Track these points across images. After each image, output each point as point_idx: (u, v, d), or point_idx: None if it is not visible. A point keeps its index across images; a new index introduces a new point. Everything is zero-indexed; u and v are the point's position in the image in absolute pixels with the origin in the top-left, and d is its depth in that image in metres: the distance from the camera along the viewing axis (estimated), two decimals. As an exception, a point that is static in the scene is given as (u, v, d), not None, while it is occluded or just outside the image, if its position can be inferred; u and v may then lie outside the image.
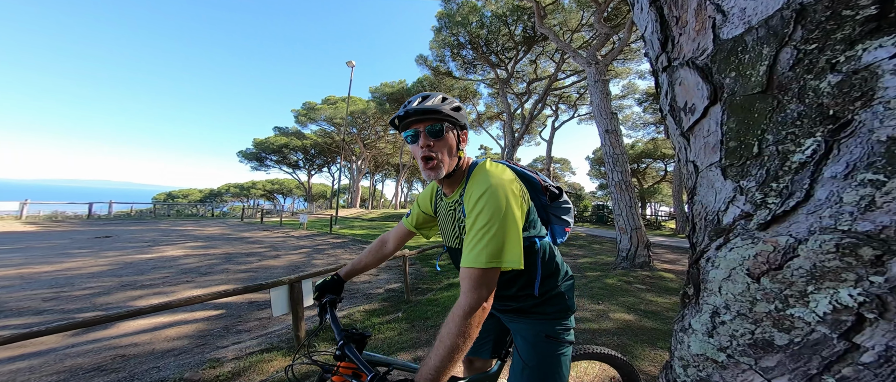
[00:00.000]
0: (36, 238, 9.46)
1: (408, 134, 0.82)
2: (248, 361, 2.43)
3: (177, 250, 8.27)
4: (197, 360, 2.51)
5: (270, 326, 3.45)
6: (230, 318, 3.69)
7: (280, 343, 2.80)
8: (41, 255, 6.99)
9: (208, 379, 2.15)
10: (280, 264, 7.33)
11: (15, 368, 2.38)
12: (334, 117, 27.03)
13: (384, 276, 6.40)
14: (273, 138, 30.84)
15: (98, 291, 4.63)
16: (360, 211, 27.18)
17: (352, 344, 0.82)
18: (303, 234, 13.31)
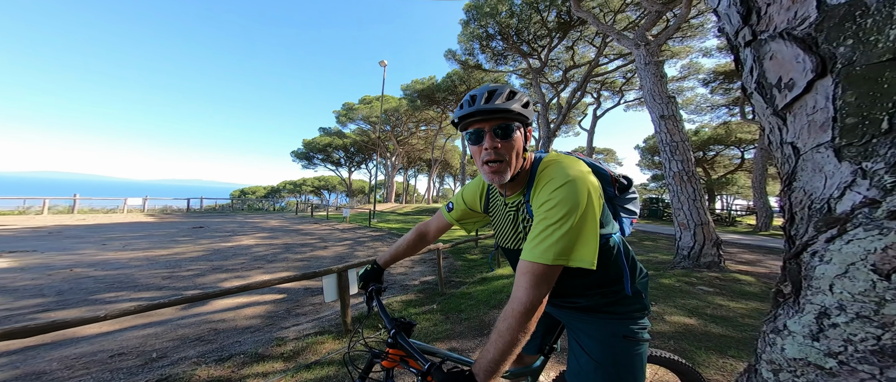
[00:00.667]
0: (154, 227, 11.57)
1: (469, 133, 0.76)
2: (305, 342, 2.68)
3: (250, 240, 9.51)
4: (267, 338, 2.87)
5: (322, 311, 3.79)
6: (290, 302, 4.15)
7: (330, 327, 3.05)
8: (158, 241, 8.55)
9: (275, 356, 2.45)
10: (328, 254, 8.00)
11: (145, 333, 2.97)
12: (370, 116, 28.39)
13: (419, 268, 6.62)
14: (318, 138, 33.46)
15: (197, 272, 5.54)
16: (394, 206, 28.32)
17: (403, 333, 0.84)
18: (346, 227, 14.31)
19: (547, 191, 0.71)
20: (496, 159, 0.74)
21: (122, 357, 2.50)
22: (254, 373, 2.15)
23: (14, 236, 8.80)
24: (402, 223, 16.59)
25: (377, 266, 1.10)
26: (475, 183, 1.04)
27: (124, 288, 4.57)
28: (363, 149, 34.72)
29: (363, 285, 1.05)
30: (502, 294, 3.91)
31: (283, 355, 2.45)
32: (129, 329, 3.06)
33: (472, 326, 2.97)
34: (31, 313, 3.63)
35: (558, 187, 0.69)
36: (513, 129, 0.73)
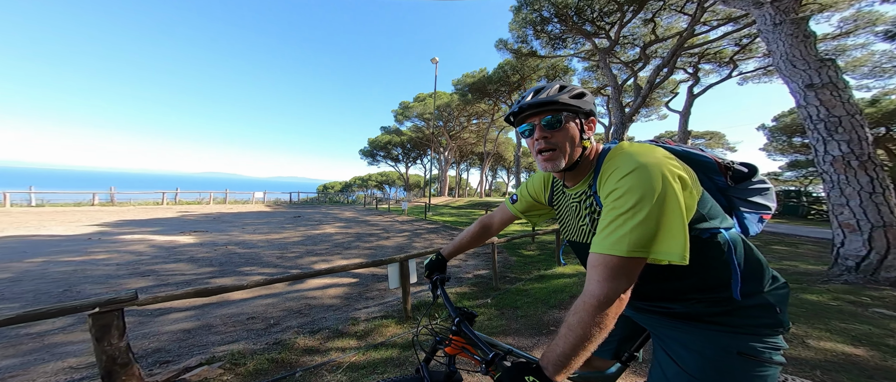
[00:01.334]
0: (270, 216, 14.72)
1: (523, 128, 0.79)
2: (372, 324, 2.95)
3: (331, 228, 11.20)
4: (344, 316, 3.36)
5: (386, 297, 4.22)
6: (361, 286, 4.74)
7: (393, 312, 3.37)
8: (273, 227, 10.86)
9: (350, 333, 2.81)
10: (390, 244, 8.79)
11: (266, 303, 3.85)
12: (423, 113, 29.51)
13: (472, 262, 6.71)
14: (380, 137, 36.54)
15: (297, 254, 6.84)
16: (448, 199, 29.11)
17: (466, 322, 0.87)
18: (404, 219, 15.42)
19: (613, 179, 0.68)
20: (548, 148, 0.75)
21: (253, 321, 3.26)
22: (335, 347, 2.56)
23: (196, 220, 12.34)
24: (456, 216, 16.97)
25: (441, 257, 1.13)
26: (539, 175, 1.03)
27: (254, 264, 5.94)
28: (418, 145, 36.45)
29: (428, 274, 1.10)
30: (563, 293, 3.73)
31: (357, 334, 2.83)
32: (256, 298, 3.97)
33: (529, 324, 2.91)
34: (206, 277, 5.02)
35: (626, 175, 0.66)
36: (563, 120, 0.74)
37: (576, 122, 0.76)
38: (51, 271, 4.89)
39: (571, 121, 0.76)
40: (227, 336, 2.84)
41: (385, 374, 2.14)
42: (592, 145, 0.80)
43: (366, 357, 2.38)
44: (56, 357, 2.41)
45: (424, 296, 3.99)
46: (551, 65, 17.93)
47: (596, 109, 0.80)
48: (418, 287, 4.47)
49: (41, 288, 4.12)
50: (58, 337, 2.76)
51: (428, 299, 3.76)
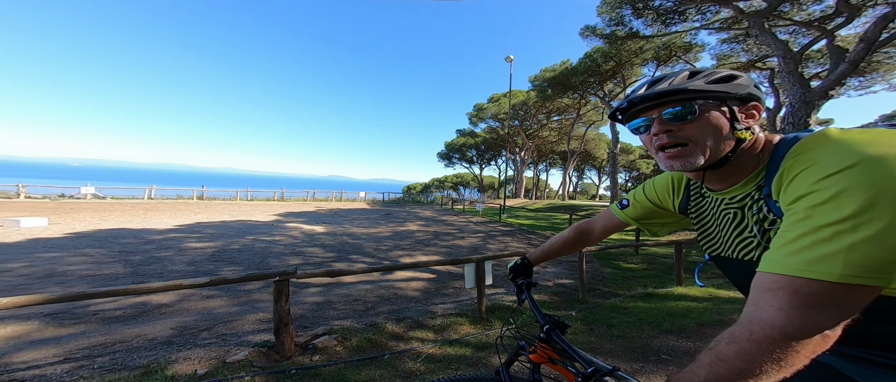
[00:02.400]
0: (368, 212, 17.56)
1: (635, 124, 0.67)
2: (448, 320, 3.03)
3: (414, 226, 12.40)
4: (423, 309, 3.60)
5: (461, 295, 4.29)
6: (439, 282, 4.98)
7: (466, 311, 3.43)
8: (370, 223, 12.94)
9: (429, 326, 2.96)
10: (464, 244, 8.97)
11: (365, 289, 4.60)
12: (498, 113, 28.91)
13: (553, 269, 6.09)
14: (455, 139, 38.03)
15: (388, 248, 7.87)
16: (524, 201, 27.56)
17: (557, 330, 0.81)
18: (478, 220, 15.47)
19: (810, 179, 0.51)
20: (673, 143, 0.61)
21: (357, 303, 3.87)
22: (416, 337, 2.75)
23: (324, 213, 15.75)
24: (533, 219, 15.88)
25: (527, 261, 1.07)
26: (665, 176, 0.85)
27: (359, 253, 7.14)
28: (492, 146, 36.05)
29: (512, 277, 1.06)
30: (687, 319, 3.05)
31: (434, 327, 2.96)
32: (359, 283, 4.72)
33: (630, 347, 2.51)
34: (330, 261, 6.32)
35: (838, 172, 0.48)
36: (697, 109, 0.59)
37: (722, 110, 0.60)
38: (255, 246, 7.15)
39: (714, 109, 0.60)
40: (341, 312, 3.45)
41: (458, 370, 2.13)
42: (756, 136, 0.63)
43: (442, 352, 2.44)
44: (255, 310, 3.50)
45: (498, 299, 3.87)
46: (664, 43, 14.39)
47: (760, 92, 0.62)
48: (492, 289, 4.35)
49: (251, 258, 6.03)
50: (256, 295, 3.99)
51: (502, 303, 3.72)
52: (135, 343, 2.56)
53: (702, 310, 3.23)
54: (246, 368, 2.03)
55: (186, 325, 2.95)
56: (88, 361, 2.23)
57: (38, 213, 10.21)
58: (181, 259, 5.70)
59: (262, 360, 2.15)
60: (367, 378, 2.05)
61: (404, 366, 2.24)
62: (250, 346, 2.30)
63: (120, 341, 2.59)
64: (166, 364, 2.05)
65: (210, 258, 5.86)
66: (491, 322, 3.10)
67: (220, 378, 1.91)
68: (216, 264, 5.46)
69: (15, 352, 2.39)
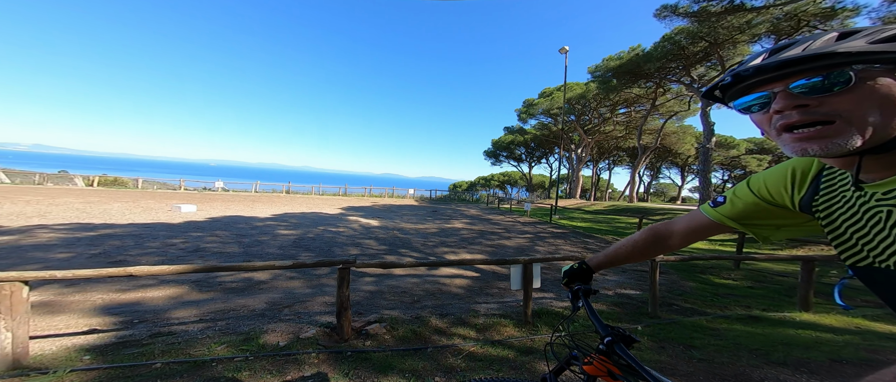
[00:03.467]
0: (416, 209, 18.36)
1: (744, 102, 0.53)
2: (491, 320, 2.98)
3: (459, 224, 12.52)
4: (466, 307, 3.57)
5: (505, 296, 4.11)
6: (482, 281, 4.89)
7: (511, 313, 3.28)
8: (418, 219, 13.53)
9: (471, 324, 2.94)
10: (511, 244, 8.62)
11: (413, 282, 4.82)
12: (551, 108, 26.86)
13: (615, 278, 5.39)
14: (502, 137, 36.85)
15: (434, 244, 8.13)
16: (580, 202, 25.09)
17: (622, 344, 0.73)
18: (527, 221, 14.70)
19: None
20: (813, 121, 0.47)
21: (405, 295, 4.06)
22: (458, 334, 2.74)
23: (378, 209, 17.01)
24: (591, 222, 14.36)
25: (586, 266, 0.97)
26: (784, 165, 0.67)
27: (407, 247, 7.55)
28: (543, 143, 33.79)
29: (567, 282, 0.99)
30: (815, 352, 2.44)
31: (476, 326, 2.91)
32: (407, 276, 4.97)
33: (717, 374, 2.14)
34: (383, 253, 6.78)
35: None
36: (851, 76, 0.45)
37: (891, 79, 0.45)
38: (324, 236, 8.22)
39: (883, 75, 0.46)
40: (390, 303, 3.67)
41: (500, 372, 2.03)
42: None
43: (483, 351, 2.37)
44: (323, 293, 4.01)
45: (546, 304, 3.60)
46: (787, 13, 10.76)
47: None
48: (540, 293, 4.05)
49: (322, 246, 6.96)
50: (324, 280, 4.56)
51: (551, 308, 3.49)
52: (241, 312, 3.18)
53: (841, 344, 2.49)
54: (313, 345, 2.32)
55: (274, 301, 3.53)
56: (213, 323, 2.86)
57: (191, 202, 13.65)
58: (274, 243, 6.88)
59: (325, 339, 2.44)
60: (411, 368, 2.11)
61: (446, 361, 2.24)
62: (318, 326, 2.64)
63: (232, 309, 3.25)
64: (260, 333, 2.48)
65: (293, 244, 6.91)
66: (537, 326, 2.89)
67: (294, 351, 2.22)
68: (296, 250, 6.42)
69: (172, 309, 3.20)
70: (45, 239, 6.03)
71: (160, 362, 2.04)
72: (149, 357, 2.12)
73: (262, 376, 1.92)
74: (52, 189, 16.54)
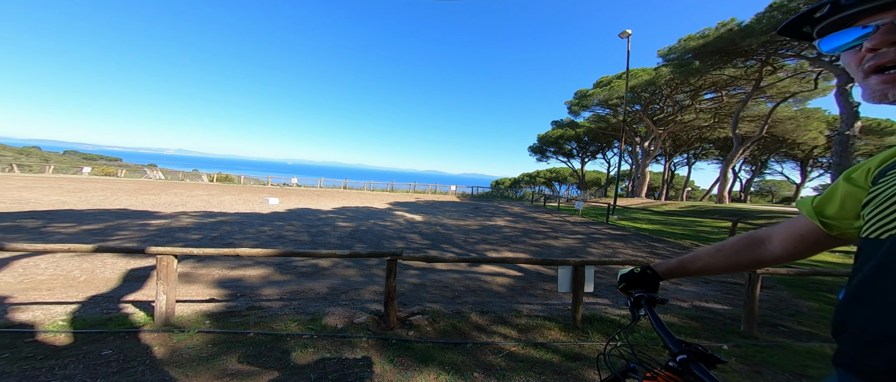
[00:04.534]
0: (457, 205, 18.52)
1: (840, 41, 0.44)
2: (534, 321, 2.88)
3: (501, 221, 12.17)
4: (508, 306, 3.47)
5: (551, 298, 3.83)
6: (526, 281, 4.66)
7: (557, 316, 3.07)
8: (459, 216, 13.54)
9: (512, 324, 2.89)
10: (559, 245, 7.99)
11: (454, 277, 4.91)
12: (609, 98, 23.97)
13: (693, 288, 4.58)
14: (550, 132, 34.40)
15: (475, 241, 8.12)
16: (646, 202, 21.79)
17: (701, 364, 0.61)
18: (577, 220, 13.45)
19: None
20: None
21: (446, 290, 4.15)
22: (499, 332, 2.68)
23: (422, 205, 17.50)
24: (660, 224, 12.42)
25: (652, 272, 0.85)
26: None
27: (449, 243, 7.67)
28: (599, 137, 30.44)
29: (624, 286, 0.89)
30: None
31: (518, 326, 2.79)
32: (449, 272, 5.07)
33: None
34: (426, 248, 7.03)
35: None
36: None
37: None
38: (375, 229, 8.92)
39: None
40: (432, 296, 3.79)
41: (543, 376, 1.89)
42: None
43: (525, 352, 2.26)
44: (373, 283, 4.37)
45: (599, 310, 3.23)
46: None
47: None
48: (593, 298, 3.66)
49: (372, 239, 7.60)
50: (375, 270, 4.97)
51: (605, 315, 3.19)
52: (309, 295, 3.68)
53: None
54: (364, 330, 2.55)
55: (334, 287, 3.99)
56: (289, 302, 3.36)
57: (275, 195, 16.37)
58: (334, 234, 7.75)
59: (374, 326, 2.64)
60: (450, 361, 2.14)
61: (485, 358, 2.20)
62: (368, 313, 2.89)
63: (303, 291, 3.78)
64: (322, 315, 2.82)
65: (349, 235, 7.68)
66: (588, 333, 2.62)
67: (348, 335, 2.47)
68: (352, 241, 7.12)
69: (262, 287, 3.87)
70: (185, 223, 7.87)
71: (253, 332, 2.46)
72: (245, 326, 2.54)
73: (323, 354, 2.17)
74: (189, 183, 21.83)
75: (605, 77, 25.18)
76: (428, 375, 1.96)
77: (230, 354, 2.09)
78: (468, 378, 1.97)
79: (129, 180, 21.27)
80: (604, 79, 25.21)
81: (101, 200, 10.51)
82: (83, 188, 13.68)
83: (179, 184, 20.33)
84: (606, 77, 25.06)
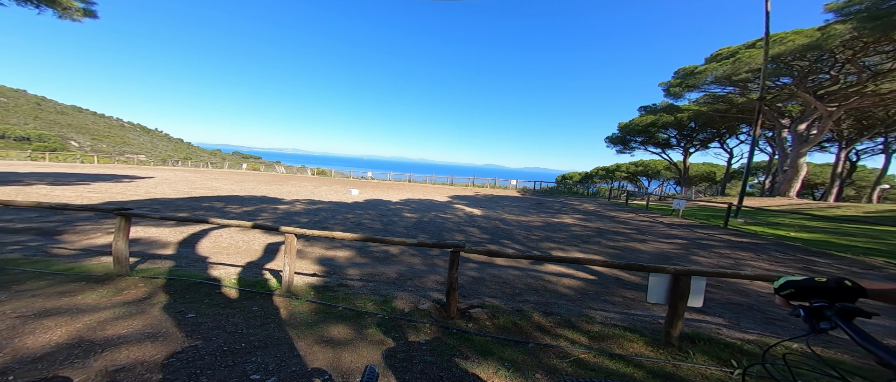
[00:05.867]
0: (519, 200, 17.63)
1: None
2: (610, 330, 2.55)
3: (569, 219, 10.99)
4: (577, 310, 3.15)
5: (633, 308, 3.24)
6: (600, 286, 4.07)
7: (642, 328, 2.63)
8: (520, 211, 12.87)
9: (583, 330, 2.59)
10: (646, 249, 6.65)
11: (513, 274, 4.70)
12: (733, 73, 18.16)
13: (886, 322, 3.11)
14: (637, 119, 28.52)
15: (538, 238, 7.61)
16: (798, 203, 15.72)
17: None
18: (675, 222, 10.88)
19: None
20: None
21: (505, 286, 4.09)
22: (565, 336, 2.46)
23: (480, 198, 17.18)
24: (825, 233, 8.81)
25: (854, 285, 0.72)
26: None
27: (509, 238, 7.41)
28: (713, 122, 23.71)
29: (791, 293, 0.75)
30: None
31: (589, 332, 2.48)
32: (508, 268, 4.92)
33: None
34: (486, 242, 6.95)
35: None
36: None
37: None
38: (436, 220, 9.39)
39: None
40: (491, 291, 3.75)
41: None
42: None
43: (597, 361, 2.00)
44: (435, 272, 4.60)
45: (709, 330, 2.66)
46: None
47: None
48: (699, 314, 2.93)
49: (434, 230, 8.05)
50: (436, 260, 5.25)
51: (717, 336, 2.59)
52: (382, 278, 4.13)
53: None
54: (427, 317, 2.70)
55: (402, 273, 4.37)
56: (366, 283, 3.83)
57: (356, 187, 19.17)
58: (401, 224, 8.49)
59: (436, 314, 2.78)
60: (510, 358, 2.08)
61: (549, 361, 2.04)
62: (431, 301, 3.04)
63: (377, 274, 4.28)
64: (393, 298, 3.09)
65: (414, 226, 8.27)
66: (687, 353, 2.13)
67: (414, 319, 2.66)
68: (416, 231, 7.65)
69: (348, 267, 4.56)
70: (299, 208, 10.07)
71: (341, 306, 2.71)
72: (335, 300, 2.82)
73: (393, 334, 2.38)
74: (299, 176, 27.79)
75: (725, 48, 19.19)
76: (487, 368, 1.95)
77: (326, 323, 2.47)
78: (530, 377, 1.87)
79: (265, 174, 28.54)
80: (723, 50, 19.26)
81: (252, 188, 14.46)
82: (243, 179, 19.02)
83: (293, 177, 26.06)
84: (727, 48, 19.08)
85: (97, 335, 2.01)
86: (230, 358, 1.87)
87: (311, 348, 2.08)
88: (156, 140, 62.24)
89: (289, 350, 2.02)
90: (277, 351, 1.99)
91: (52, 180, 12.55)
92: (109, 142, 46.05)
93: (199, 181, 16.13)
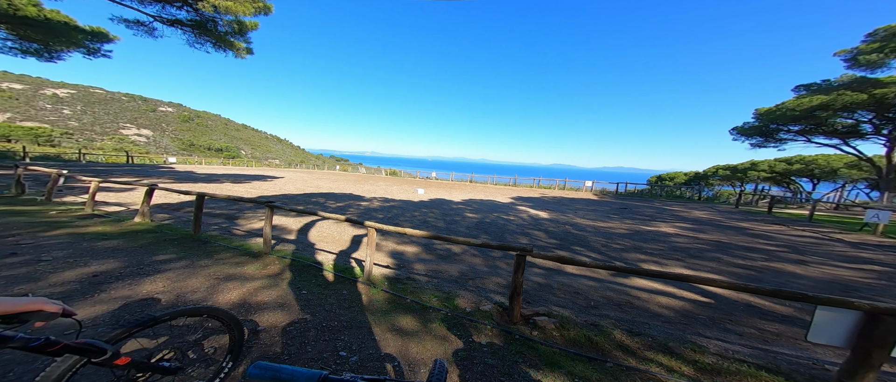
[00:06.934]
0: (596, 204, 15.57)
1: None
2: (734, 366, 2.06)
3: (668, 228, 8.98)
4: (679, 335, 2.57)
5: (776, 344, 2.42)
6: (719, 311, 3.19)
7: (787, 370, 1.96)
8: (598, 216, 11.26)
9: (686, 358, 2.08)
10: (805, 274, 4.83)
11: (588, 284, 4.18)
12: None
13: None
14: (792, 102, 20.57)
15: (622, 247, 6.55)
16: None
17: None
18: (867, 241, 7.51)
19: None
20: None
21: (578, 296, 3.69)
22: (657, 361, 2.05)
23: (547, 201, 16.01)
24: None
25: None
26: None
27: (583, 245, 6.63)
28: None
29: None
30: None
31: (695, 363, 2.02)
32: (581, 277, 4.36)
33: None
34: (553, 247, 6.41)
35: None
36: None
37: None
38: (498, 222, 9.17)
39: None
40: (560, 300, 3.44)
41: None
42: None
43: None
44: (497, 274, 4.50)
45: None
46: None
47: None
48: None
49: (496, 231, 7.89)
50: (498, 262, 5.15)
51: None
52: (445, 275, 4.29)
53: None
54: (488, 319, 2.66)
55: (463, 272, 4.45)
56: (431, 279, 4.06)
57: (421, 186, 20.53)
58: (463, 223, 8.61)
59: (497, 316, 2.72)
60: (582, 374, 1.88)
61: (632, 389, 1.71)
62: (493, 303, 3.00)
63: (440, 271, 4.47)
64: (455, 296, 3.15)
65: (476, 226, 8.26)
66: None
67: (475, 319, 2.67)
68: (478, 231, 7.63)
69: (414, 263, 4.91)
70: (376, 205, 11.48)
71: (409, 298, 2.88)
72: (404, 292, 3.01)
73: (455, 331, 2.46)
74: (375, 177, 31.67)
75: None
76: (554, 381, 1.78)
77: (396, 313, 2.65)
78: (607, 400, 1.61)
79: (352, 174, 33.62)
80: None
81: (342, 187, 17.26)
82: (336, 179, 22.96)
83: (372, 177, 29.88)
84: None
85: (253, 300, 2.77)
86: (327, 334, 2.26)
87: (385, 334, 2.33)
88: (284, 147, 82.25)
89: (368, 333, 2.33)
90: (359, 334, 2.31)
91: (233, 179, 17.59)
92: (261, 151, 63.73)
93: (309, 180, 20.31)
